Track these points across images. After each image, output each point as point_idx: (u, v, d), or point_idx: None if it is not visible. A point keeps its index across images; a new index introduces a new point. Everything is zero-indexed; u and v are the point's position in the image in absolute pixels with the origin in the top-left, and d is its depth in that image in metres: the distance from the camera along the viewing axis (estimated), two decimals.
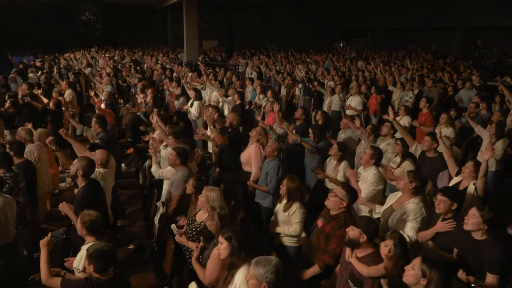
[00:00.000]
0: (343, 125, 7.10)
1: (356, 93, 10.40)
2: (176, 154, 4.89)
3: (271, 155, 5.32)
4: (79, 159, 4.24)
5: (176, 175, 4.88)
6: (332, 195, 3.87)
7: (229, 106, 10.14)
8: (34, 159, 5.47)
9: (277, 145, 5.36)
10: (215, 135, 5.87)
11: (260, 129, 5.92)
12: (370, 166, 4.88)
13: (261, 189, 5.34)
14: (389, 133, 6.17)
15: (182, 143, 5.32)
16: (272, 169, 5.23)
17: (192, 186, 4.38)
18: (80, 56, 21.39)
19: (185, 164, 4.95)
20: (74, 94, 10.39)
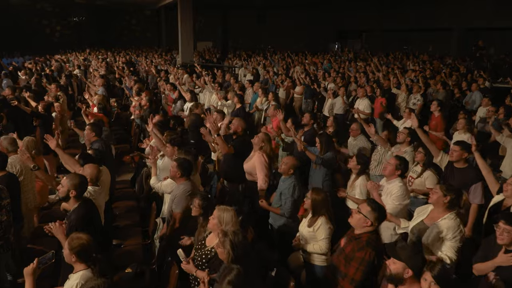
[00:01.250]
0: (353, 131, 6.60)
1: (363, 96, 9.95)
2: (177, 166, 4.39)
3: (287, 172, 4.79)
4: (70, 178, 3.71)
5: (177, 190, 4.39)
6: (356, 211, 3.42)
7: (229, 110, 9.66)
8: (17, 172, 4.94)
9: (294, 162, 4.82)
10: (220, 144, 5.37)
11: (263, 136, 5.43)
12: (395, 178, 4.40)
13: (274, 212, 4.82)
14: (406, 141, 5.69)
15: (184, 153, 4.80)
16: (287, 188, 4.69)
17: (198, 207, 3.87)
18: (73, 57, 20.80)
19: (187, 177, 4.45)
20: (65, 98, 9.84)
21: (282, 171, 4.84)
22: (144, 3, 28.00)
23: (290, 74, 15.25)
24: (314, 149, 5.81)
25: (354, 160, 5.10)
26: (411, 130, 5.74)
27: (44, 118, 7.75)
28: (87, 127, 5.82)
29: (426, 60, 20.66)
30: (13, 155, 5.05)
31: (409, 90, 11.29)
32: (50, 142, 4.80)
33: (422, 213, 3.81)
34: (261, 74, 15.90)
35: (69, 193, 3.65)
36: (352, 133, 6.63)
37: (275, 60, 20.78)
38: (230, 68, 19.50)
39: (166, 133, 6.02)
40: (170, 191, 4.67)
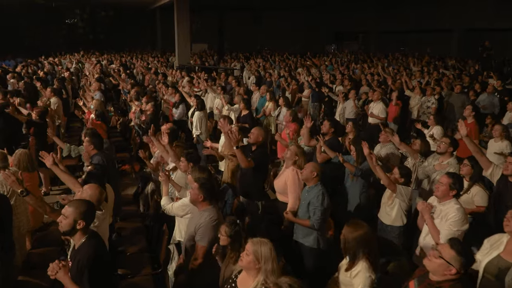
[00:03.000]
0: (383, 138, 6.01)
1: (378, 100, 9.36)
2: (199, 188, 3.72)
3: (311, 179, 4.24)
4: (74, 205, 3.03)
5: (201, 218, 3.72)
6: (435, 255, 2.71)
7: (236, 114, 9.05)
8: (8, 192, 4.27)
9: (315, 166, 4.28)
10: (239, 157, 4.72)
11: (296, 149, 4.78)
12: (449, 199, 3.77)
13: (302, 224, 4.24)
14: (448, 151, 5.08)
15: (198, 171, 4.14)
16: (315, 197, 4.16)
17: (226, 235, 3.25)
18: (68, 60, 20.06)
19: (211, 201, 3.81)
20: (60, 103, 9.17)
21: (305, 179, 4.30)
22: (138, 4, 27.31)
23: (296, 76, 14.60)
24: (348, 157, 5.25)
25: (397, 172, 4.50)
26: (453, 139, 5.14)
27: (39, 127, 7.06)
28: (86, 139, 5.15)
29: (429, 62, 20.22)
30: (3, 172, 4.38)
31: (422, 93, 10.74)
32: (46, 160, 4.15)
33: (495, 245, 3.15)
34: (264, 77, 15.25)
35: (76, 225, 2.98)
36: (382, 139, 6.02)
37: (276, 62, 20.17)
38: (227, 70, 18.91)
39: (176, 143, 5.39)
40: (183, 214, 4.03)
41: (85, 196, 3.57)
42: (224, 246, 3.32)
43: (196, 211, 3.84)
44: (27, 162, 5.13)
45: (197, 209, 3.81)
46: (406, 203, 4.43)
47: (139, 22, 33.00)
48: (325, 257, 4.29)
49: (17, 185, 3.57)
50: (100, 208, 3.59)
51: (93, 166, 4.46)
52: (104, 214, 3.65)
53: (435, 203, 3.89)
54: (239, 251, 3.03)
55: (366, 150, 4.66)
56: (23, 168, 5.00)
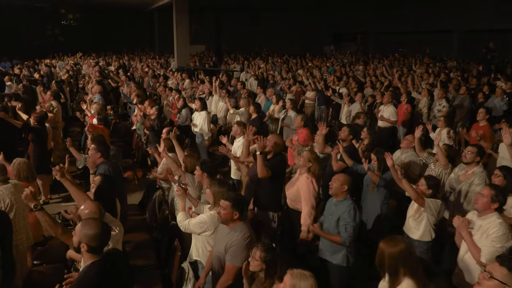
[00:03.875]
0: (406, 143, 5.71)
1: (388, 102, 9.09)
2: (233, 205, 3.41)
3: (340, 192, 3.95)
4: (84, 225, 2.74)
5: (233, 236, 3.41)
6: (485, 276, 2.42)
7: (242, 118, 8.73)
8: (6, 207, 3.94)
9: (346, 179, 3.98)
10: (259, 164, 4.42)
11: (309, 155, 4.51)
12: (491, 212, 3.47)
13: (333, 240, 3.92)
14: (474, 161, 4.79)
15: (218, 184, 3.81)
16: (347, 212, 3.86)
17: (260, 260, 2.94)
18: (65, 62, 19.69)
19: (244, 218, 3.50)
20: (59, 107, 8.83)
21: (333, 193, 3.99)
22: (136, 5, 26.96)
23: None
24: (361, 166, 4.95)
25: (423, 183, 4.21)
26: (480, 148, 4.85)
27: (38, 132, 6.73)
28: (92, 146, 4.82)
29: (430, 63, 19.99)
30: (1, 185, 4.05)
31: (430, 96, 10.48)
32: (56, 173, 3.80)
33: None
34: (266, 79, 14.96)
35: (80, 247, 2.69)
36: (404, 145, 5.72)
37: (277, 64, 19.88)
38: (227, 72, 18.60)
39: (186, 151, 5.08)
40: (200, 232, 3.72)
41: (82, 214, 3.29)
42: None
43: (222, 227, 3.54)
44: (27, 171, 4.81)
45: (225, 226, 3.50)
46: (435, 217, 4.14)
47: (137, 23, 32.64)
48: (354, 275, 4.03)
49: (31, 199, 3.30)
50: (113, 228, 3.27)
51: (101, 177, 4.13)
52: (118, 235, 3.34)
53: (474, 217, 3.59)
54: (274, 278, 2.73)
55: (390, 161, 4.36)
56: (22, 178, 4.68)
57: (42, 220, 3.26)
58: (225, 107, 9.63)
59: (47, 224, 3.26)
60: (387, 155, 4.46)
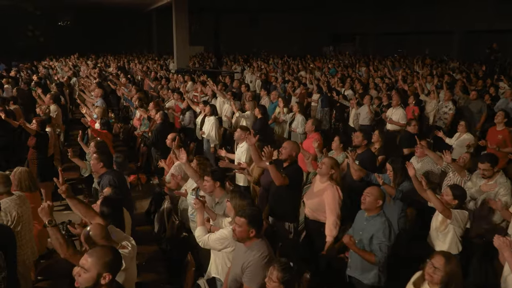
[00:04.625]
0: (420, 152, 5.49)
1: (397, 105, 8.89)
2: (249, 223, 3.16)
3: (374, 207, 3.69)
4: (96, 255, 2.49)
5: (250, 255, 3.16)
6: None
7: (247, 121, 8.53)
8: (12, 221, 3.70)
9: (381, 194, 3.72)
10: (273, 174, 4.18)
11: (330, 161, 4.27)
12: None
13: (367, 259, 3.65)
14: (494, 172, 4.57)
15: (239, 198, 3.57)
16: (381, 231, 3.60)
17: (277, 282, 2.72)
18: (63, 64, 19.38)
19: (261, 235, 3.25)
20: (59, 110, 8.59)
21: (367, 207, 3.72)
22: (134, 6, 26.69)
23: None
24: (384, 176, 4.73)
25: (449, 192, 3.99)
26: (491, 159, 4.63)
27: (40, 138, 6.47)
28: (94, 156, 4.57)
29: (432, 64, 19.83)
30: (6, 197, 3.81)
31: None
32: (62, 190, 3.52)
33: None
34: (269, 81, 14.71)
35: (101, 280, 2.43)
36: (419, 153, 5.49)
37: (278, 65, 19.67)
38: (228, 74, 18.37)
39: (197, 158, 4.85)
40: (221, 248, 3.49)
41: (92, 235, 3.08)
42: None
43: (238, 245, 3.30)
44: (29, 181, 4.54)
45: (242, 244, 3.26)
46: (462, 229, 3.93)
47: (135, 25, 32.37)
48: None
49: (48, 214, 3.10)
50: (125, 245, 3.04)
51: (111, 189, 3.89)
52: (131, 253, 3.11)
53: None
54: None
55: (412, 171, 4.14)
56: (24, 189, 4.42)
57: (53, 238, 3.03)
58: (230, 110, 9.41)
59: (58, 242, 3.03)
60: (409, 164, 4.24)
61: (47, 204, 3.09)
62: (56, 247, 3.08)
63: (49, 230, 3.07)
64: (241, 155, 5.88)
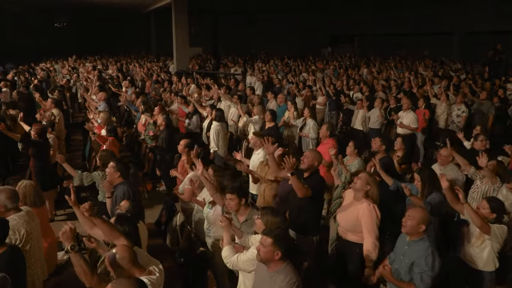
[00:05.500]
0: (443, 158, 5.24)
1: (408, 108, 8.67)
2: (274, 242, 2.90)
3: (416, 232, 3.36)
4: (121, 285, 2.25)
5: (276, 283, 2.88)
6: None
7: (256, 126, 8.27)
8: (22, 238, 3.44)
9: (425, 217, 3.36)
10: (295, 185, 3.92)
11: (367, 177, 3.98)
12: None
13: None
14: None
15: (271, 215, 3.31)
16: (423, 258, 3.24)
17: None
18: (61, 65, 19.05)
19: (286, 258, 2.97)
20: (61, 115, 8.31)
21: (408, 231, 3.40)
22: (132, 7, 26.39)
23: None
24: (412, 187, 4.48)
25: (486, 205, 3.76)
26: None
27: (39, 146, 6.19)
28: (111, 165, 4.31)
29: (434, 66, 19.66)
30: (14, 214, 3.53)
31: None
32: (85, 208, 3.23)
33: None
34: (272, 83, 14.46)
35: None
36: (441, 161, 5.25)
37: (278, 67, 19.43)
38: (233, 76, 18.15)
39: (213, 168, 4.59)
40: (252, 269, 3.23)
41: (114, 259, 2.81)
42: None
43: (261, 268, 3.02)
44: (34, 196, 4.24)
45: (265, 266, 2.99)
46: (500, 244, 3.69)
47: (133, 26, 32.07)
48: None
49: (70, 238, 2.86)
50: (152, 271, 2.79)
51: (129, 202, 3.64)
52: (159, 280, 2.85)
53: None
54: None
55: (446, 183, 3.88)
56: (29, 204, 4.11)
57: (76, 265, 2.78)
58: (236, 114, 9.16)
59: (82, 270, 2.77)
60: (442, 176, 3.99)
61: (68, 227, 2.83)
62: (79, 275, 2.82)
63: (71, 256, 2.82)
64: (257, 162, 5.61)
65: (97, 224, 3.21)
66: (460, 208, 3.85)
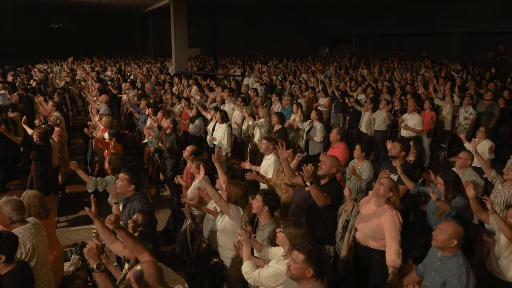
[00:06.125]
0: (461, 162, 5.09)
1: (413, 110, 8.53)
2: (307, 260, 2.69)
3: (447, 247, 3.18)
4: None
5: None
6: None
7: (261, 130, 8.12)
8: (27, 252, 3.23)
9: (458, 232, 3.17)
10: (315, 194, 3.75)
11: (390, 183, 3.84)
12: None
13: None
14: None
15: (293, 227, 3.12)
16: (457, 277, 3.07)
17: None
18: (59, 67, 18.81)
19: (319, 276, 2.77)
20: (63, 118, 8.12)
21: (438, 246, 3.23)
22: (129, 8, 26.16)
23: None
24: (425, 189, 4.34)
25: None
26: None
27: (41, 150, 6.00)
28: (124, 177, 4.10)
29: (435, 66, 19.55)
30: (20, 226, 3.34)
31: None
32: (111, 221, 3.03)
33: None
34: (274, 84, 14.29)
35: None
36: (459, 164, 5.09)
37: (278, 68, 19.27)
38: (227, 77, 17.98)
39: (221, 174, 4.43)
40: (275, 286, 3.06)
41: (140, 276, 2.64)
42: None
43: (292, 286, 2.84)
44: (39, 206, 3.99)
45: (295, 284, 2.80)
46: None
47: (130, 27, 31.83)
48: None
49: (96, 257, 2.71)
50: None
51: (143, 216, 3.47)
52: None
53: None
54: None
55: (472, 192, 3.72)
56: (33, 215, 3.87)
57: (101, 285, 2.60)
58: (240, 116, 9.01)
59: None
60: (469, 184, 3.84)
61: (95, 244, 2.64)
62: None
63: (97, 276, 2.64)
64: (267, 168, 5.44)
65: (121, 237, 3.02)
66: (485, 217, 3.71)
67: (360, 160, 5.53)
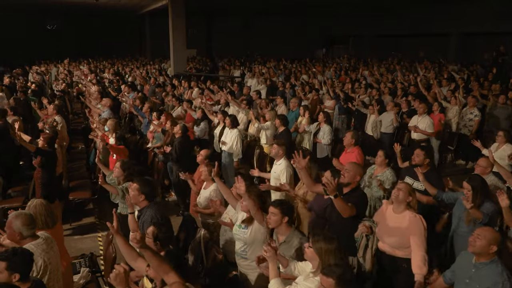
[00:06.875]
0: (480, 170, 4.92)
1: (424, 113, 8.40)
2: (337, 284, 2.55)
3: (486, 253, 3.07)
4: None
5: None
6: None
7: (267, 132, 7.94)
8: (39, 270, 3.02)
9: (496, 238, 3.06)
10: (340, 207, 3.56)
11: (409, 187, 3.69)
12: None
13: None
14: None
15: (324, 241, 2.91)
16: (499, 284, 2.94)
17: None
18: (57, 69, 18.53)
19: None
20: (64, 122, 7.90)
21: (476, 252, 3.11)
22: (126, 8, 25.91)
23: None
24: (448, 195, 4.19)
25: None
26: None
27: (48, 156, 5.79)
28: (135, 187, 3.90)
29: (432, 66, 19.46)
30: (31, 242, 3.13)
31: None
32: (137, 239, 2.83)
33: None
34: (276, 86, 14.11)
35: None
36: (479, 171, 4.93)
37: (278, 70, 19.10)
38: (226, 78, 17.79)
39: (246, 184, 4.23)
40: None
41: None
42: None
43: None
44: (46, 215, 3.78)
45: None
46: None
47: (127, 28, 31.55)
48: None
49: (123, 283, 2.52)
50: None
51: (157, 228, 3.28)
52: None
53: None
54: None
55: (506, 201, 3.56)
56: (40, 225, 3.67)
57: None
58: (245, 119, 8.83)
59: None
60: (501, 193, 3.68)
61: (122, 268, 2.46)
62: None
63: None
64: (279, 173, 5.25)
65: (146, 256, 2.82)
66: None
67: (382, 167, 5.34)
